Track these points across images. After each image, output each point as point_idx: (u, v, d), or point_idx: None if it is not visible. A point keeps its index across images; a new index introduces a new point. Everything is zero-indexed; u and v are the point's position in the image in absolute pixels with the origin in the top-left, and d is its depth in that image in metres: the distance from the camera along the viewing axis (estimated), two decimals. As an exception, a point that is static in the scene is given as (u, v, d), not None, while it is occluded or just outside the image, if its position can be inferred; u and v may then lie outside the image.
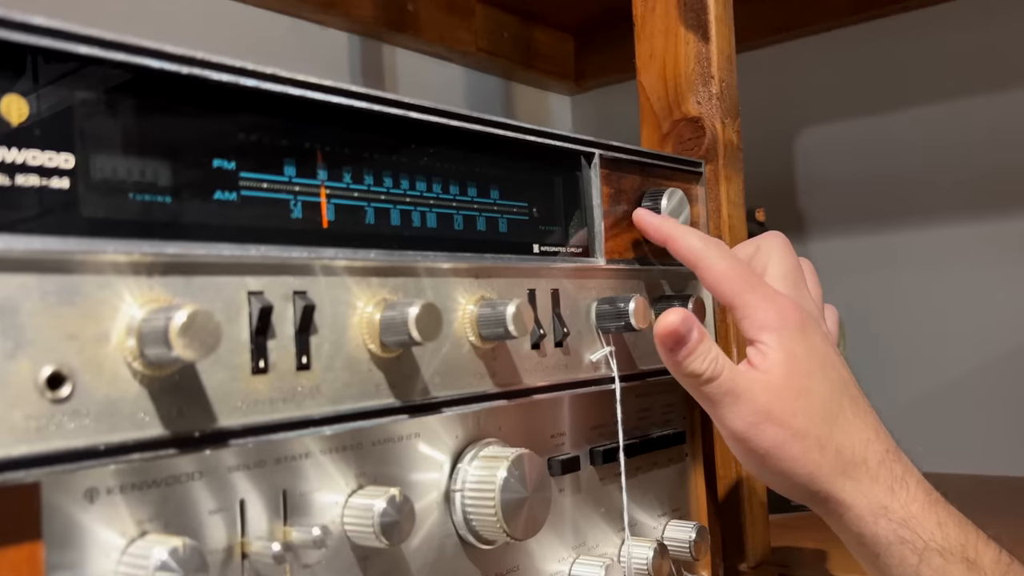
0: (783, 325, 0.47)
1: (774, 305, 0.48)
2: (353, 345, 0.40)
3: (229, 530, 0.36)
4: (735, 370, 0.47)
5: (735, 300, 0.49)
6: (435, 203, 0.46)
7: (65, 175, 0.31)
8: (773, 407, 0.46)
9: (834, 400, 0.47)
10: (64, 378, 0.30)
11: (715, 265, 0.50)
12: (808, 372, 0.47)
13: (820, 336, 0.49)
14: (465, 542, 0.46)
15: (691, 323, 0.46)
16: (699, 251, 0.51)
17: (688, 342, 0.46)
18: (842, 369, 0.49)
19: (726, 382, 0.46)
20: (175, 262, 0.34)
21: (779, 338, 0.47)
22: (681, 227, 0.53)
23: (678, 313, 0.46)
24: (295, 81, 0.38)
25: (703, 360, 0.46)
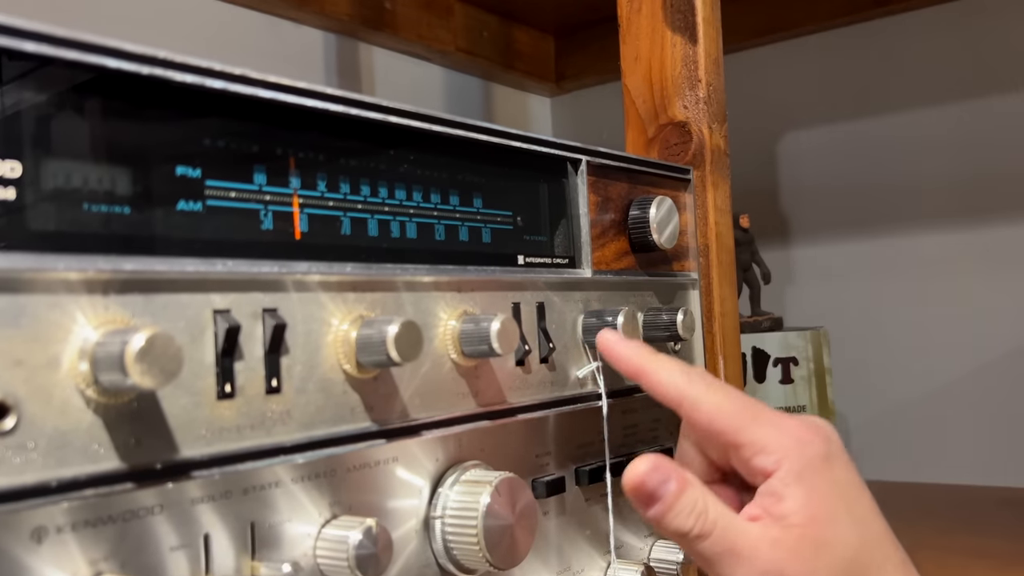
0: (802, 459, 0.40)
1: (787, 435, 0.40)
2: (327, 366, 0.37)
3: (192, 567, 0.33)
4: (732, 525, 0.39)
5: (738, 438, 0.41)
6: (415, 212, 0.43)
7: (11, 184, 0.28)
8: (785, 567, 0.38)
9: (864, 548, 0.40)
10: (8, 408, 0.27)
11: (704, 402, 0.42)
12: (831, 518, 0.39)
13: (844, 465, 0.41)
14: (445, 572, 0.43)
15: (663, 473, 0.39)
16: (680, 388, 0.42)
17: (664, 496, 0.38)
18: (868, 501, 0.42)
19: (721, 540, 0.38)
20: (133, 279, 0.31)
21: (797, 477, 0.39)
22: (655, 358, 0.43)
23: (647, 462, 0.39)
24: (266, 83, 0.36)
25: (687, 516, 0.38)
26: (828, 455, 0.40)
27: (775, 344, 0.93)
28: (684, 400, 0.42)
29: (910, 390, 1.08)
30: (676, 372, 0.43)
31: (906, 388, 1.09)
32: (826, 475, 0.40)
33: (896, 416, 1.09)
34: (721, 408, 0.41)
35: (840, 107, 1.14)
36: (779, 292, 1.15)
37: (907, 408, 1.08)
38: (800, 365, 0.92)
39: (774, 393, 0.92)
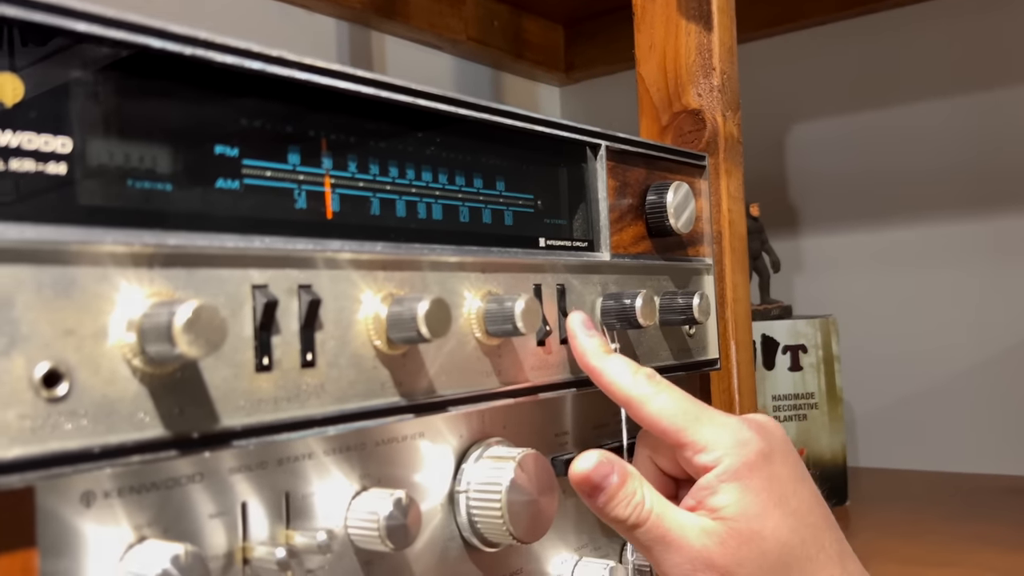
0: (739, 456, 0.42)
1: (727, 433, 0.43)
2: (358, 342, 0.38)
3: (230, 534, 0.35)
4: (667, 513, 0.42)
5: (681, 437, 0.43)
6: (441, 194, 0.44)
7: (62, 160, 0.29)
8: (713, 555, 0.41)
9: (795, 538, 0.42)
10: (61, 376, 0.28)
11: (651, 402, 0.44)
12: (763, 512, 0.41)
13: (784, 461, 0.43)
14: (469, 545, 0.44)
15: (608, 468, 0.42)
16: (628, 387, 0.44)
17: (606, 488, 0.41)
18: (807, 494, 0.44)
19: (654, 528, 0.41)
20: (177, 253, 0.32)
21: (733, 474, 0.42)
22: (606, 358, 0.46)
23: (592, 457, 0.42)
24: (302, 65, 0.37)
25: (626, 505, 0.41)
26: (767, 452, 0.43)
27: (784, 332, 0.94)
28: (631, 399, 0.44)
29: (917, 379, 1.09)
30: (625, 373, 0.45)
31: (913, 377, 1.09)
32: (763, 471, 0.42)
33: (903, 404, 1.10)
34: (665, 409, 0.43)
35: (849, 98, 1.15)
36: (788, 281, 1.16)
37: (914, 396, 1.09)
38: (809, 353, 0.93)
39: (783, 380, 0.93)
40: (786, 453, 0.44)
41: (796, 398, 0.93)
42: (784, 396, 0.93)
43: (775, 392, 0.93)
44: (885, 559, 0.74)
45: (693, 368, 0.60)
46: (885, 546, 0.78)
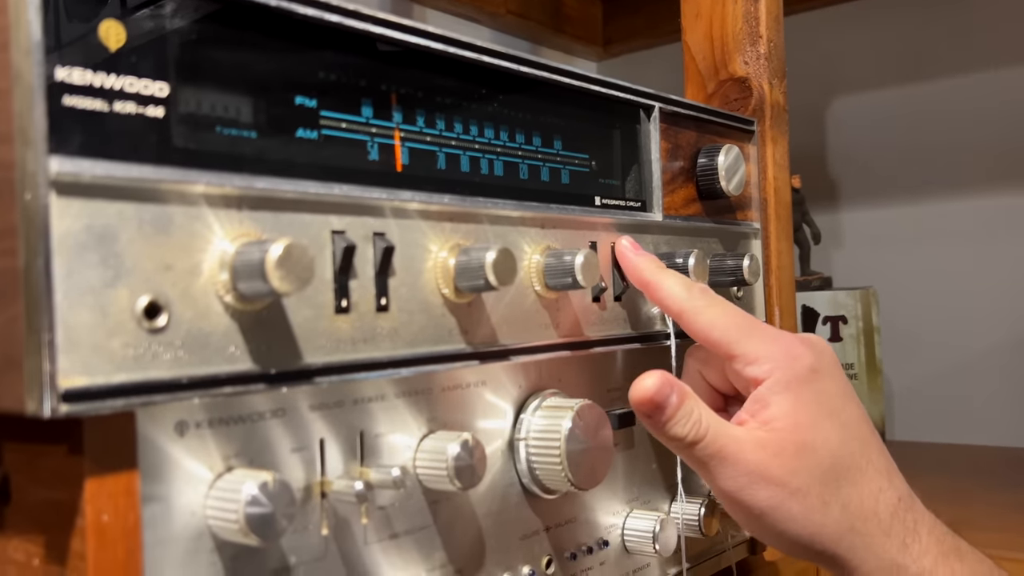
0: (790, 370, 0.43)
1: (778, 347, 0.43)
2: (428, 289, 0.40)
3: (308, 469, 0.36)
4: (722, 430, 0.42)
5: (732, 349, 0.44)
6: (502, 151, 0.45)
7: (160, 104, 0.31)
8: (768, 466, 0.41)
9: (844, 449, 0.43)
10: (160, 308, 0.30)
11: (703, 314, 0.45)
12: (814, 424, 0.42)
13: (832, 377, 0.44)
14: (528, 491, 0.46)
15: (668, 388, 0.42)
16: (682, 299, 0.45)
17: (666, 408, 0.42)
18: (855, 410, 0.45)
19: (711, 444, 0.42)
20: (264, 197, 0.33)
21: (784, 386, 0.42)
22: (661, 272, 0.47)
23: (654, 378, 0.42)
24: (376, 19, 0.38)
25: (684, 423, 0.42)
26: (817, 368, 0.43)
27: (825, 303, 0.94)
28: (684, 311, 0.45)
29: (956, 352, 1.09)
30: (679, 285, 0.46)
31: (952, 350, 1.09)
32: (813, 385, 0.43)
33: (941, 378, 1.10)
34: (718, 321, 0.44)
35: (891, 72, 1.14)
36: (827, 254, 1.16)
37: (952, 370, 1.09)
38: (849, 324, 0.94)
39: (822, 351, 0.94)
40: (835, 370, 0.45)
41: (835, 368, 0.93)
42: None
43: (814, 362, 0.93)
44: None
45: (740, 330, 0.61)
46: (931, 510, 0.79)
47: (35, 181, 0.27)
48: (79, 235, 0.28)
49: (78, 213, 0.28)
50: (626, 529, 0.52)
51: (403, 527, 0.40)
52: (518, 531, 0.45)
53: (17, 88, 0.27)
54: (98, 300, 0.28)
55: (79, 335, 0.28)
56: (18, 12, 0.27)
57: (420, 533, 0.40)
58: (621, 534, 0.52)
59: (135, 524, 0.30)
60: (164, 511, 0.31)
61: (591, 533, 0.50)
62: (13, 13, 0.27)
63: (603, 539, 0.51)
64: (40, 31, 0.27)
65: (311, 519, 0.36)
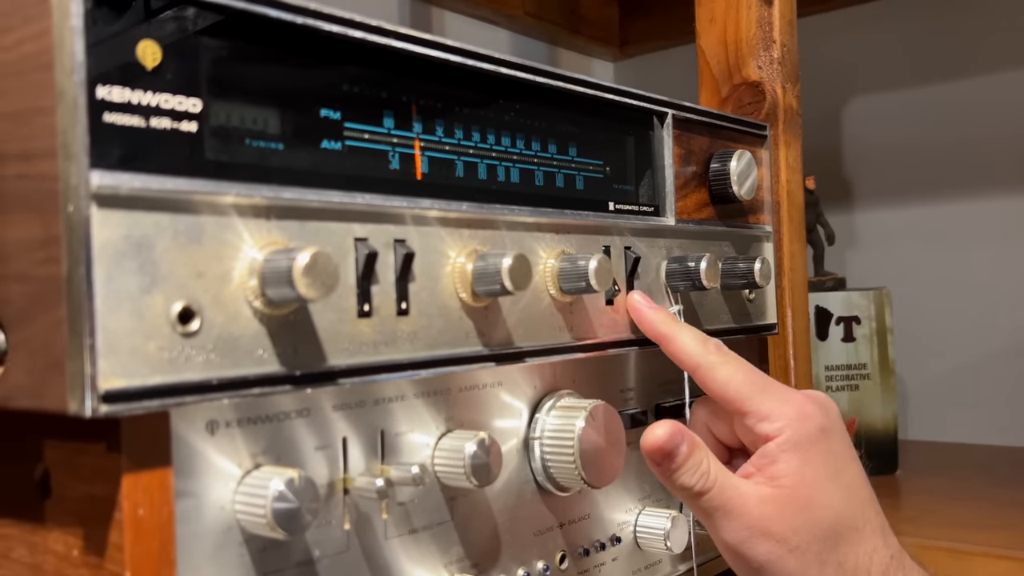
0: (801, 429, 0.44)
1: (791, 407, 0.45)
2: (446, 294, 0.41)
3: (332, 466, 0.38)
4: (728, 483, 0.43)
5: (745, 406, 0.45)
6: (518, 159, 0.47)
7: (193, 119, 0.32)
8: (771, 523, 0.42)
9: (846, 510, 0.44)
10: (194, 313, 0.32)
11: (718, 369, 0.46)
12: (819, 483, 0.44)
13: (839, 438, 0.46)
14: (542, 488, 0.47)
15: (679, 438, 0.43)
16: (698, 356, 0.47)
17: (676, 457, 0.43)
18: (857, 470, 0.46)
19: (717, 496, 0.43)
20: (291, 206, 0.35)
21: (794, 445, 0.44)
22: (676, 325, 0.49)
23: (666, 427, 0.43)
24: (398, 34, 0.39)
25: (692, 474, 0.43)
26: (826, 428, 0.45)
27: (838, 303, 0.95)
28: (700, 367, 0.47)
29: (970, 353, 1.10)
30: (695, 341, 0.48)
31: (966, 350, 1.10)
32: (821, 446, 0.44)
33: (955, 378, 1.10)
34: (733, 378, 0.46)
35: (906, 73, 1.15)
36: (841, 255, 1.16)
37: (967, 370, 1.10)
38: (862, 324, 0.94)
39: (836, 351, 0.95)
40: (841, 431, 0.47)
41: (848, 368, 0.94)
42: (837, 367, 0.94)
43: (828, 363, 0.94)
44: (933, 522, 0.76)
45: (752, 331, 0.62)
46: (934, 509, 0.80)
47: (77, 194, 0.29)
48: (118, 244, 0.30)
49: (117, 223, 0.30)
50: (638, 526, 0.53)
51: (422, 522, 0.41)
52: (532, 527, 0.47)
53: (61, 106, 0.29)
54: (135, 306, 0.30)
55: (118, 339, 0.29)
56: (62, 34, 0.29)
57: (438, 528, 0.42)
58: (633, 531, 0.53)
59: (169, 518, 0.32)
60: (196, 506, 0.33)
61: (604, 530, 0.52)
62: (57, 35, 0.29)
63: (616, 536, 0.52)
64: (83, 52, 0.29)
65: (334, 514, 0.38)
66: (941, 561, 0.70)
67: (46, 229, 0.30)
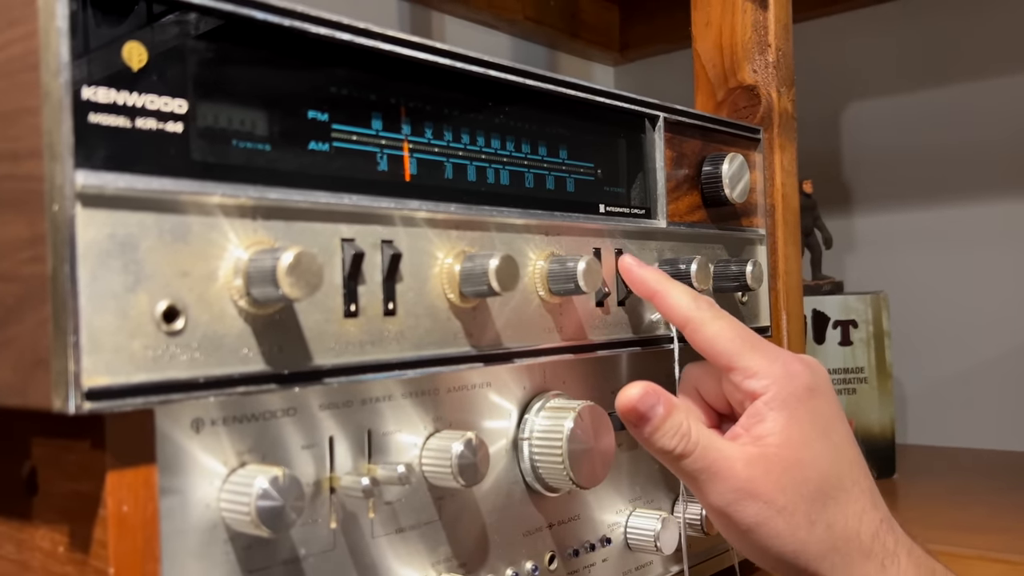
0: (788, 387, 0.43)
1: (778, 364, 0.44)
2: (434, 294, 0.41)
3: (318, 465, 0.38)
4: (711, 444, 0.43)
5: (733, 362, 0.45)
6: (508, 161, 0.47)
7: (179, 120, 0.33)
8: (757, 483, 0.42)
9: (833, 469, 0.43)
10: (178, 312, 0.32)
11: (708, 325, 0.46)
12: (806, 442, 0.43)
13: (827, 397, 0.45)
14: (531, 489, 0.48)
15: (653, 398, 0.42)
16: (688, 310, 0.46)
17: (652, 418, 0.42)
18: (845, 431, 0.45)
19: (700, 459, 0.42)
20: (276, 207, 0.35)
21: (781, 403, 0.43)
22: (668, 282, 0.48)
23: (638, 387, 0.43)
24: (386, 36, 0.40)
25: (672, 436, 0.42)
26: (813, 387, 0.44)
27: (835, 307, 0.95)
28: (690, 321, 0.46)
29: (968, 357, 1.10)
30: (686, 296, 0.47)
31: (964, 355, 1.10)
32: (808, 404, 0.44)
33: (955, 382, 1.10)
34: (722, 333, 0.45)
35: (905, 77, 1.15)
36: (840, 259, 1.16)
37: (966, 375, 1.10)
38: (860, 328, 0.94)
39: (833, 355, 0.95)
40: (828, 391, 0.46)
41: (846, 372, 0.94)
42: (834, 370, 0.94)
43: (825, 366, 0.94)
44: (931, 524, 0.76)
45: (745, 334, 0.62)
46: (931, 513, 0.80)
47: (62, 193, 0.29)
48: (103, 243, 0.30)
49: (102, 223, 0.30)
50: (629, 527, 0.54)
51: (409, 522, 0.41)
52: (521, 527, 0.47)
53: (46, 106, 0.29)
54: (120, 304, 0.30)
55: (102, 337, 0.30)
56: (47, 35, 0.29)
57: (425, 528, 0.42)
58: (624, 532, 0.54)
59: (153, 515, 0.32)
60: (181, 503, 0.33)
61: (594, 531, 0.52)
62: (43, 36, 0.29)
63: (606, 537, 0.52)
64: (68, 53, 0.29)
65: (320, 513, 0.38)
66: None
67: (32, 228, 0.30)
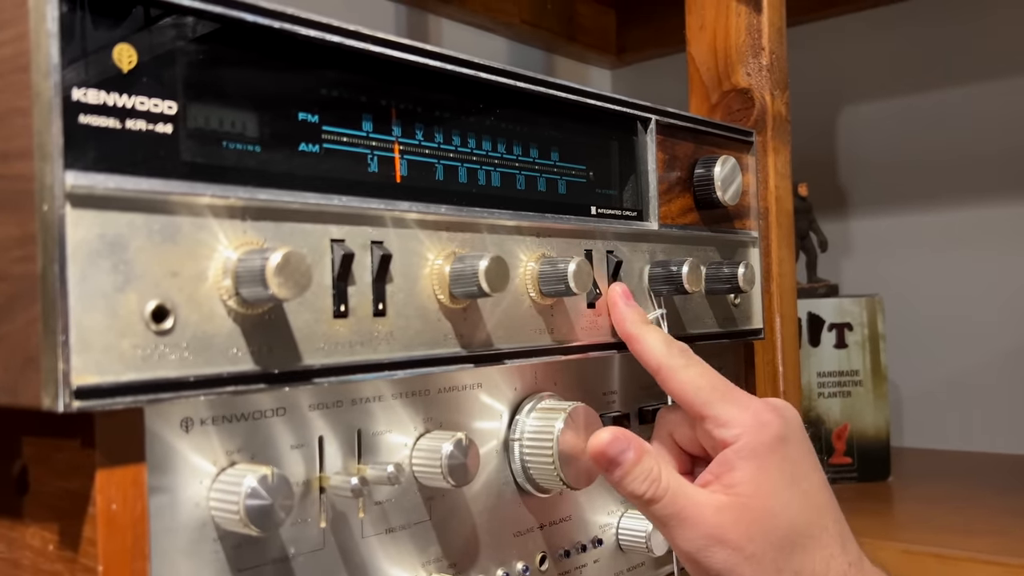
0: (758, 436, 0.44)
1: (748, 413, 0.45)
2: (424, 295, 0.41)
3: (308, 465, 0.38)
4: (682, 491, 0.43)
5: (704, 411, 0.45)
6: (499, 163, 0.47)
7: (169, 121, 0.33)
8: (726, 531, 0.42)
9: (802, 517, 0.44)
10: (167, 312, 0.32)
11: (680, 372, 0.46)
12: (775, 491, 0.43)
13: (798, 445, 0.45)
14: (522, 489, 0.48)
15: (623, 443, 0.43)
16: (661, 357, 0.47)
17: (623, 463, 0.43)
18: (816, 477, 0.46)
19: (670, 504, 0.42)
20: (266, 208, 0.35)
21: (751, 452, 0.44)
22: (644, 326, 0.49)
23: (609, 432, 0.43)
24: (376, 39, 0.40)
25: (641, 481, 0.43)
26: (784, 436, 0.45)
27: (830, 310, 0.95)
28: (662, 368, 0.47)
29: (963, 360, 1.10)
30: (660, 342, 0.48)
31: (959, 358, 1.10)
32: (779, 453, 0.44)
33: (951, 386, 1.11)
34: (693, 381, 0.46)
35: (901, 81, 1.15)
36: (836, 262, 1.17)
37: (962, 378, 1.10)
38: (855, 331, 0.95)
39: (828, 357, 0.95)
40: (801, 438, 0.46)
41: (841, 375, 0.95)
42: (829, 373, 0.95)
43: (820, 369, 0.95)
44: (923, 527, 0.76)
45: (737, 336, 0.62)
46: (924, 515, 0.80)
47: (52, 193, 0.29)
48: (92, 243, 0.30)
49: (91, 223, 0.30)
50: (620, 528, 0.54)
51: (399, 522, 0.41)
52: (512, 528, 0.47)
53: (36, 107, 0.30)
54: (109, 304, 0.30)
55: (91, 336, 0.30)
56: (38, 37, 0.30)
57: (416, 528, 0.42)
58: (616, 533, 0.54)
59: (142, 513, 0.32)
60: (170, 502, 0.33)
61: (586, 531, 0.52)
62: (34, 37, 0.30)
63: (597, 538, 0.53)
64: (58, 54, 0.30)
65: (310, 512, 0.38)
66: (928, 566, 0.70)
67: (22, 228, 0.30)
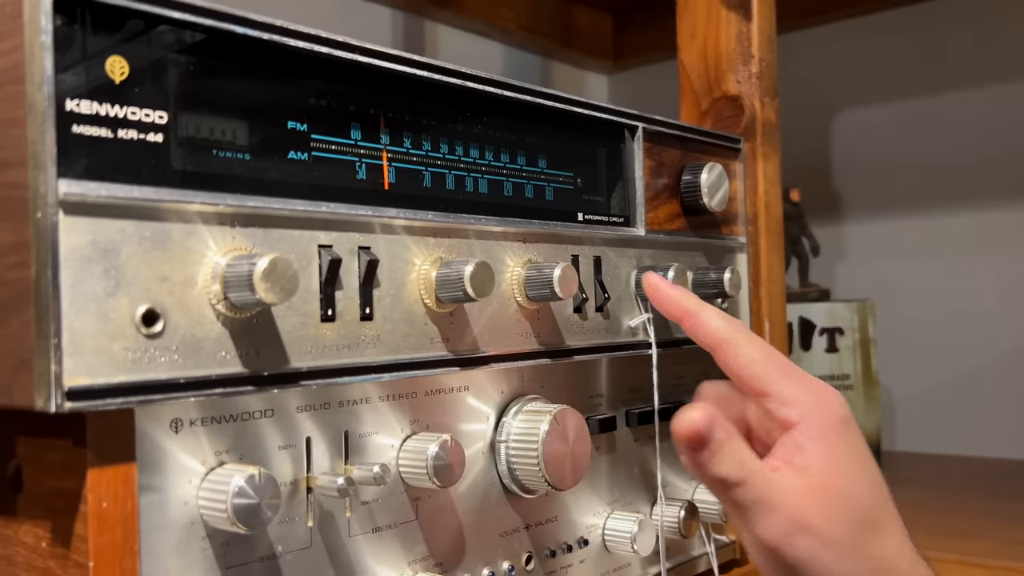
0: (824, 416, 0.42)
1: (812, 394, 0.43)
2: (411, 300, 0.42)
3: (296, 465, 0.39)
4: (764, 475, 0.41)
5: (768, 387, 0.43)
6: (487, 170, 0.48)
7: (160, 130, 0.34)
8: (808, 515, 0.40)
9: (873, 500, 0.42)
10: (157, 316, 0.33)
11: (742, 348, 0.44)
12: (848, 471, 0.42)
13: (856, 431, 0.44)
14: (508, 491, 0.49)
15: (715, 422, 0.40)
16: (722, 332, 0.45)
17: (711, 443, 0.40)
18: (876, 466, 0.44)
19: (755, 488, 0.40)
20: (255, 214, 0.36)
21: (819, 433, 0.42)
22: (700, 303, 0.47)
23: (701, 411, 0.40)
24: (364, 49, 0.41)
25: (729, 463, 0.40)
26: (846, 419, 0.43)
27: (821, 314, 0.96)
28: (724, 343, 0.45)
29: (955, 364, 1.11)
30: (720, 318, 0.46)
31: (951, 362, 1.11)
32: (844, 436, 0.43)
33: (944, 390, 1.11)
34: (755, 358, 0.44)
35: (894, 86, 1.16)
36: (828, 267, 1.17)
37: (956, 383, 1.11)
38: (846, 335, 0.95)
39: (819, 362, 0.96)
40: (857, 427, 0.45)
41: (832, 379, 0.95)
42: (820, 377, 0.95)
43: (811, 373, 0.95)
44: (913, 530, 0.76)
45: (724, 340, 0.63)
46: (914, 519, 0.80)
47: (45, 201, 0.30)
48: (84, 249, 0.31)
49: (84, 230, 0.31)
50: (606, 529, 0.55)
51: (386, 521, 0.42)
52: (498, 528, 0.48)
53: (31, 117, 0.31)
54: (101, 308, 0.31)
55: (83, 339, 0.31)
56: (32, 49, 0.31)
57: (402, 527, 0.43)
58: (602, 534, 0.55)
59: (132, 511, 0.33)
60: (159, 500, 0.34)
61: (572, 532, 0.53)
62: (28, 50, 0.31)
63: (583, 538, 0.53)
64: (52, 67, 0.31)
65: (298, 512, 0.39)
66: (914, 568, 0.71)
67: (17, 235, 0.31)
